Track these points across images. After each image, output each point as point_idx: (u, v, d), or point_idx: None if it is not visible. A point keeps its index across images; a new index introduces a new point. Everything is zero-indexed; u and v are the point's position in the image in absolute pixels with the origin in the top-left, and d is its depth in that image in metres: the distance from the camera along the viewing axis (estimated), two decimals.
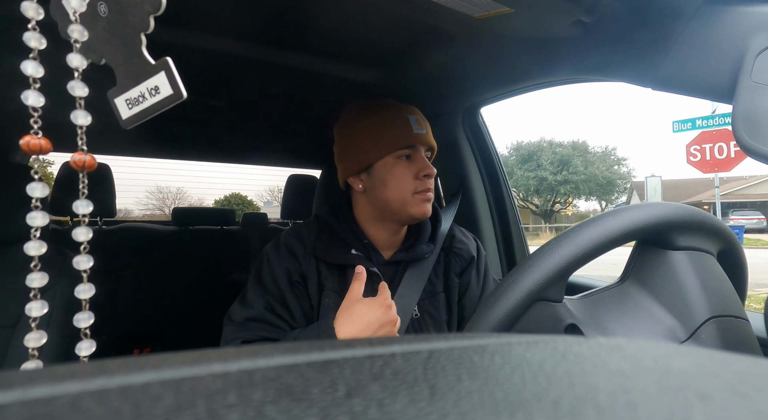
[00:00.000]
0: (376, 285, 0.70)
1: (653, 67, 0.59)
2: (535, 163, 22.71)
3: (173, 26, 0.74)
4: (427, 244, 0.76)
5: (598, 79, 0.79)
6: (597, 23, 0.63)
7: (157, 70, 0.24)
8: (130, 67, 0.24)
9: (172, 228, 1.83)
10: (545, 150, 22.91)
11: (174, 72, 0.24)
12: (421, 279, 0.74)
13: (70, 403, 0.09)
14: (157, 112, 0.25)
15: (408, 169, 0.70)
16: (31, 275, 0.22)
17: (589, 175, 21.68)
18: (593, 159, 22.78)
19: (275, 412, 0.09)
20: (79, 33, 0.23)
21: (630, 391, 0.11)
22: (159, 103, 0.25)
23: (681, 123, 7.36)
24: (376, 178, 0.71)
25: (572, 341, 0.16)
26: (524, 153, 23.49)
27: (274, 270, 0.69)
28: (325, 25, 0.75)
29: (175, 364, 0.12)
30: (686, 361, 0.14)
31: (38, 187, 0.22)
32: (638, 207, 0.39)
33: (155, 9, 0.24)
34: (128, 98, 0.25)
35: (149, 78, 0.24)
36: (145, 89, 0.25)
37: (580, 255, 0.36)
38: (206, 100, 1.15)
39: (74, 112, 0.23)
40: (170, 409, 0.09)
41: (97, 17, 0.24)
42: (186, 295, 1.68)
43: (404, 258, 0.74)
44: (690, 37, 0.54)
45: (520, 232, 1.21)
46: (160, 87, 0.24)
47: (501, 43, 0.76)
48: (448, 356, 0.14)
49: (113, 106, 0.26)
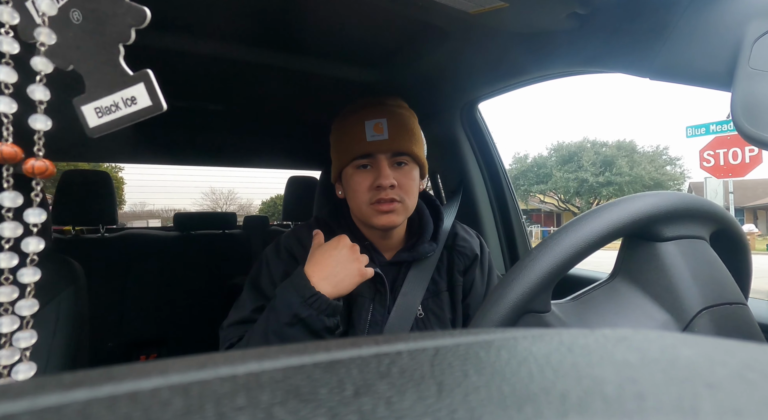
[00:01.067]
0: (379, 285, 0.69)
1: (650, 57, 0.59)
2: (575, 164, 21.89)
3: (170, 32, 0.74)
4: (429, 242, 0.74)
5: (595, 70, 0.78)
6: (592, 15, 0.63)
7: (135, 81, 0.24)
8: (103, 76, 0.24)
9: (174, 233, 1.83)
10: (587, 150, 22.05)
11: (154, 84, 0.24)
12: (424, 278, 0.73)
13: (80, 410, 0.09)
14: (131, 122, 0.25)
15: (364, 179, 0.68)
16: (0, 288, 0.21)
17: (634, 177, 20.75)
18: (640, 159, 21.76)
19: (284, 413, 0.09)
20: (46, 36, 0.23)
21: (637, 381, 0.11)
22: (135, 114, 0.24)
23: (694, 128, 7.29)
24: (346, 185, 0.71)
25: (578, 334, 0.16)
26: (565, 154, 22.68)
27: (273, 273, 0.69)
28: (320, 26, 0.75)
29: (182, 368, 0.12)
30: (693, 350, 0.14)
31: (8, 197, 0.21)
32: (617, 203, 0.38)
33: (138, 22, 0.23)
34: (98, 107, 0.25)
35: (125, 88, 0.24)
36: (120, 99, 0.24)
37: (561, 264, 0.35)
38: (205, 104, 1.15)
39: (33, 116, 0.22)
40: (180, 413, 0.09)
41: (69, 24, 0.24)
42: (190, 299, 1.68)
43: (406, 258, 0.73)
44: (687, 25, 0.54)
45: (521, 226, 1.21)
46: (137, 98, 0.24)
47: (497, 38, 0.76)
48: (455, 353, 0.14)
49: (79, 114, 0.25)
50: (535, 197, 25.33)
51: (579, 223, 0.37)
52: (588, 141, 23.05)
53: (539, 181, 23.54)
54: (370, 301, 0.69)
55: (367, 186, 0.67)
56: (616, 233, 0.37)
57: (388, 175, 0.66)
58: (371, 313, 0.69)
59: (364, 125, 0.67)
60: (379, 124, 0.67)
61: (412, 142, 0.69)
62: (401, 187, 0.68)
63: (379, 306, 0.69)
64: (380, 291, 0.70)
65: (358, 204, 0.68)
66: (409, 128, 0.70)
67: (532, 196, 25.07)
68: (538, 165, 23.90)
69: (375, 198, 0.66)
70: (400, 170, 0.69)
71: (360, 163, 0.68)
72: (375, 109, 0.69)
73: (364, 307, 0.68)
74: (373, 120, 0.67)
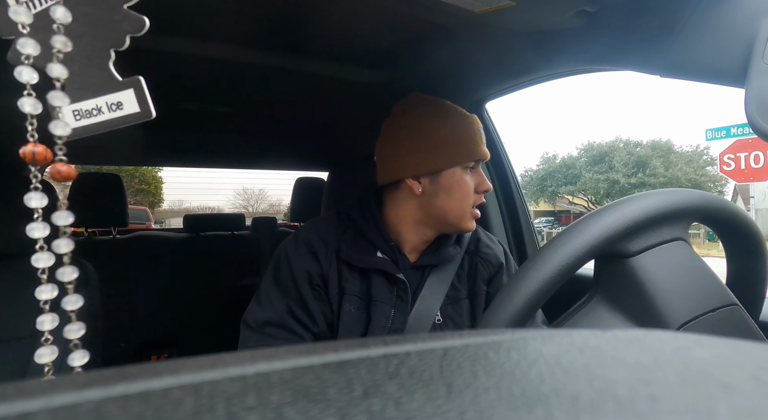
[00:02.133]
0: (401, 292, 0.67)
1: (661, 54, 0.58)
2: (606, 165, 21.18)
3: (178, 36, 0.75)
4: (453, 246, 0.73)
5: (604, 68, 0.77)
6: (601, 12, 0.63)
7: (124, 87, 0.24)
8: (88, 79, 0.24)
9: (184, 235, 1.85)
10: (620, 150, 21.28)
11: (145, 91, 0.24)
12: (444, 283, 0.71)
13: (94, 409, 0.09)
14: (113, 128, 0.24)
15: (471, 181, 0.68)
16: (41, 287, 0.22)
17: (670, 178, 19.92)
18: (677, 160, 20.83)
19: (294, 413, 0.09)
20: (62, 44, 0.23)
21: (650, 383, 0.11)
22: (119, 119, 0.24)
23: (715, 131, 7.13)
24: (440, 185, 0.68)
25: (589, 335, 0.15)
26: (595, 154, 21.99)
27: (294, 270, 0.66)
28: (327, 28, 0.75)
29: (192, 368, 0.12)
30: (707, 351, 0.14)
31: (35, 197, 0.22)
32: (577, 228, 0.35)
33: (136, 30, 0.23)
34: (77, 109, 0.24)
35: (112, 93, 0.24)
36: (104, 103, 0.24)
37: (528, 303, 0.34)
38: (213, 107, 1.16)
39: (53, 122, 0.22)
40: (191, 413, 0.09)
41: (52, 24, 0.23)
42: (200, 300, 1.70)
43: (430, 261, 0.71)
44: (698, 21, 0.53)
45: (530, 227, 1.20)
46: (124, 103, 0.24)
47: (503, 37, 0.76)
48: (464, 353, 0.14)
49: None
50: (563, 198, 24.90)
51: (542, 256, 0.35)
52: (621, 140, 22.28)
53: (568, 182, 22.97)
54: (391, 307, 0.66)
55: (471, 189, 0.68)
56: (581, 261, 0.35)
57: (488, 181, 0.70)
58: (392, 320, 0.66)
59: (479, 131, 0.69)
60: (482, 131, 0.70)
61: None
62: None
63: (400, 313, 0.67)
64: (402, 298, 0.67)
65: (462, 205, 0.68)
66: None
67: (560, 197, 24.63)
68: (567, 165, 23.31)
69: (478, 201, 0.69)
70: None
71: (469, 166, 0.68)
72: (471, 116, 0.71)
73: (384, 314, 0.66)
74: (480, 127, 0.70)
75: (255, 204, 22.29)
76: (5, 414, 0.09)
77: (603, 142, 22.80)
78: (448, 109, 0.71)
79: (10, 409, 0.09)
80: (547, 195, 24.28)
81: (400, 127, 0.70)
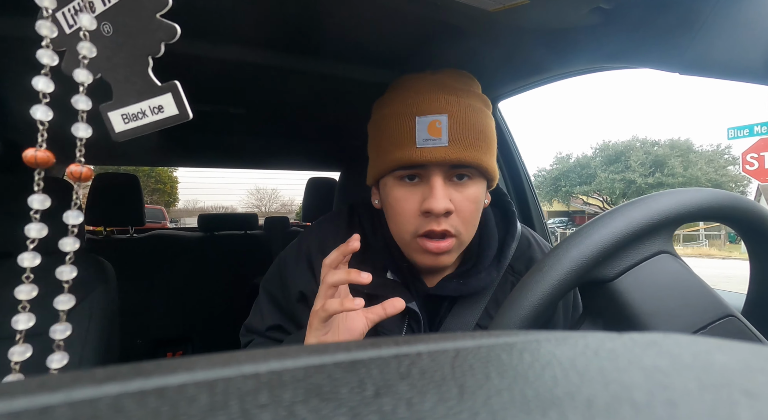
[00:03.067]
0: (413, 323, 0.52)
1: (680, 51, 0.57)
2: (622, 165, 20.77)
3: (193, 39, 0.76)
4: (488, 270, 0.53)
5: (620, 66, 0.76)
6: (617, 8, 0.61)
7: (163, 92, 0.25)
8: (132, 85, 0.26)
9: (198, 234, 1.89)
10: (636, 150, 20.87)
11: (182, 94, 0.25)
12: (474, 313, 0.54)
13: (111, 404, 0.09)
14: (156, 129, 0.26)
15: (409, 196, 0.49)
16: (20, 287, 0.22)
17: (689, 178, 19.51)
18: (697, 159, 20.38)
19: (306, 411, 0.09)
20: (88, 50, 0.24)
21: (669, 388, 0.11)
22: (161, 121, 0.26)
23: (737, 130, 6.93)
24: (383, 199, 0.53)
25: (604, 337, 0.15)
26: (611, 153, 21.62)
27: (289, 286, 0.58)
28: (339, 28, 0.75)
29: (207, 365, 0.12)
30: (729, 356, 0.13)
31: (38, 199, 0.22)
32: (548, 262, 0.33)
33: (169, 38, 0.25)
34: (125, 113, 0.26)
35: (153, 97, 0.26)
36: (147, 107, 0.26)
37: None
38: (227, 108, 1.18)
39: (75, 125, 0.23)
40: (205, 408, 0.09)
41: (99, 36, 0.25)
42: (213, 298, 1.73)
43: (452, 292, 0.52)
44: (720, 16, 0.51)
45: (544, 229, 1.18)
46: (164, 107, 0.26)
47: (517, 36, 0.75)
48: (476, 354, 0.13)
49: (105, 120, 0.27)
50: (577, 199, 24.49)
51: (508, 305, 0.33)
52: (637, 140, 21.76)
53: (582, 182, 22.63)
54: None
55: (413, 209, 0.48)
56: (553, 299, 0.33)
57: (441, 197, 0.47)
58: None
59: (415, 121, 0.47)
60: (436, 122, 0.47)
61: (482, 147, 0.49)
62: (459, 214, 0.48)
63: None
64: (414, 330, 0.53)
65: (399, 231, 0.51)
66: (479, 127, 0.49)
67: (574, 197, 24.25)
68: (582, 165, 23.00)
69: (423, 229, 0.48)
70: (460, 187, 0.49)
71: (404, 174, 0.49)
72: (432, 98, 0.48)
73: None
74: (428, 116, 0.47)
75: (268, 203, 22.67)
76: (28, 407, 0.09)
77: (618, 141, 22.39)
78: (394, 86, 0.54)
79: (33, 402, 0.09)
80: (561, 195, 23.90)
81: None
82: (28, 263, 0.22)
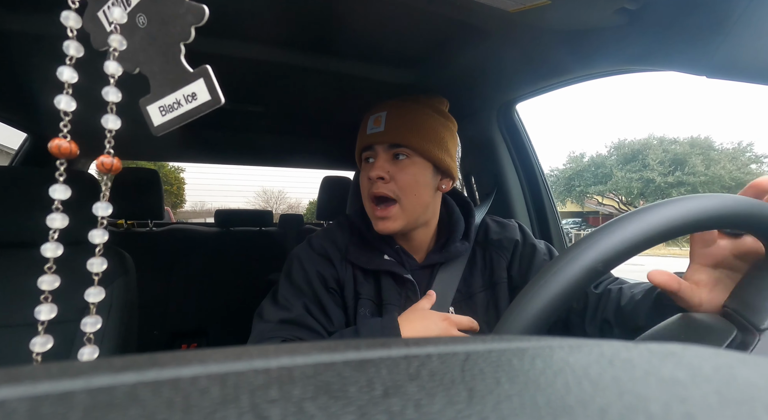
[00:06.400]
0: (410, 293, 0.68)
1: (708, 53, 0.55)
2: (640, 164, 20.08)
3: (211, 37, 0.78)
4: (461, 242, 0.71)
5: (644, 69, 0.74)
6: (643, 9, 0.60)
7: (195, 78, 0.25)
8: (167, 75, 0.25)
9: (215, 229, 1.92)
10: (654, 148, 20.16)
11: (213, 79, 0.25)
12: (453, 279, 0.71)
13: (128, 392, 0.10)
14: (191, 118, 0.25)
15: (365, 172, 0.67)
16: (42, 277, 0.22)
17: (711, 177, 18.66)
18: (719, 157, 19.46)
19: (314, 408, 0.09)
20: (118, 42, 0.24)
21: (687, 401, 0.10)
22: (195, 109, 0.25)
23: None
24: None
25: (620, 346, 0.15)
26: (627, 152, 20.99)
27: (308, 271, 0.67)
28: (357, 28, 0.76)
29: (219, 359, 0.12)
30: (752, 370, 0.13)
31: (60, 189, 0.22)
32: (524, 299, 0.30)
33: (198, 20, 0.24)
34: (162, 105, 0.26)
35: (186, 85, 0.25)
36: (182, 96, 0.25)
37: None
38: (244, 106, 1.20)
39: (105, 116, 0.23)
40: (216, 401, 0.09)
41: (135, 28, 0.25)
42: (229, 293, 1.76)
43: (438, 259, 0.71)
44: (752, 17, 0.49)
45: (560, 232, 1.16)
46: (197, 93, 0.25)
47: (537, 37, 0.74)
48: (486, 359, 0.13)
49: (145, 114, 0.26)
50: (592, 199, 23.91)
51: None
52: (654, 138, 20.98)
53: (597, 182, 21.93)
54: (400, 309, 0.66)
55: (366, 179, 0.67)
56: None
57: (378, 167, 0.65)
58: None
59: (368, 119, 0.69)
60: (378, 117, 0.67)
61: (414, 134, 0.66)
62: (396, 182, 0.65)
63: None
64: (411, 298, 0.67)
65: (364, 199, 0.69)
66: (414, 121, 0.67)
67: (588, 197, 23.69)
68: (596, 164, 22.33)
69: (370, 192, 0.66)
70: (398, 163, 0.66)
71: (365, 157, 0.69)
72: (381, 103, 0.70)
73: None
74: (374, 114, 0.68)
75: (275, 205, 22.70)
76: (51, 391, 0.09)
77: (635, 140, 21.64)
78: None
79: (54, 387, 0.10)
80: (575, 195, 23.35)
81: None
82: (50, 254, 0.22)
